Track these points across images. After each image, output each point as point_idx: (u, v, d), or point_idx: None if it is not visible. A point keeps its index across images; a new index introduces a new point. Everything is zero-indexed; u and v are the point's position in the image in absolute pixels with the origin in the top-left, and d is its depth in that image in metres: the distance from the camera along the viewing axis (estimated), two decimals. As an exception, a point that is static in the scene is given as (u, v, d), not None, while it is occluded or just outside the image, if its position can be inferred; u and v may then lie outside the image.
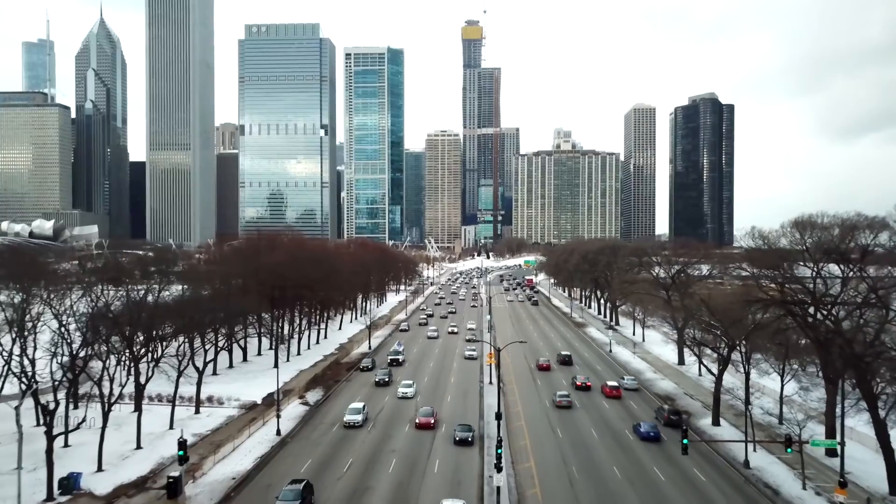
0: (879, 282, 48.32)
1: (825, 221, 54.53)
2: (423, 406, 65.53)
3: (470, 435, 56.29)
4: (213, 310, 68.58)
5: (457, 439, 56.07)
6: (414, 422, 62.02)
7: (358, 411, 63.80)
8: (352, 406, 65.23)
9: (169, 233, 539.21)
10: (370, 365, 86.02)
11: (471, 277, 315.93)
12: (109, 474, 49.39)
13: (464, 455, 54.26)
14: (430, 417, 61.75)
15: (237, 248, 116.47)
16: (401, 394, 72.64)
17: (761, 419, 61.81)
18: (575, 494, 46.12)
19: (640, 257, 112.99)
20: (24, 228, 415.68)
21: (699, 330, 67.71)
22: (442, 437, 58.97)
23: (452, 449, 55.89)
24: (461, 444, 55.62)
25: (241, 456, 53.75)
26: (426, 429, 60.44)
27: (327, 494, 45.74)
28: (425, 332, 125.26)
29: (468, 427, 57.61)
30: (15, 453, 52.02)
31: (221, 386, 76.00)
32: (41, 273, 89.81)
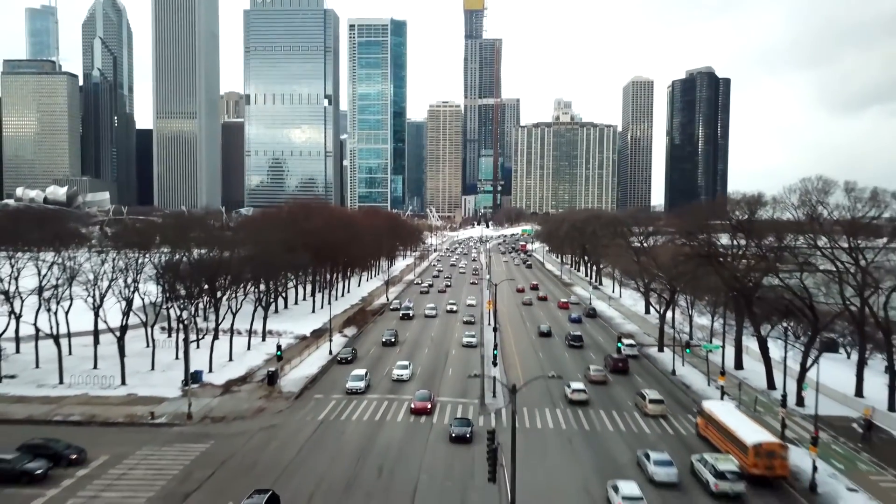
0: (766, 245, 67.28)
1: (737, 198, 73.03)
2: (420, 389, 61.54)
3: (468, 430, 49.19)
4: (272, 264, 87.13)
5: (453, 436, 49.04)
6: (410, 406, 57.86)
7: (360, 377, 64.72)
8: (354, 373, 66.08)
9: (176, 199, 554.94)
10: (349, 357, 76.52)
11: (470, 248, 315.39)
12: (217, 374, 68.88)
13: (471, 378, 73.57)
14: (426, 402, 57.31)
15: (278, 214, 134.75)
16: (395, 376, 67.88)
17: (700, 352, 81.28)
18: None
19: (616, 226, 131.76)
20: (38, 194, 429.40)
21: (649, 279, 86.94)
22: (437, 420, 54.80)
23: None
24: (458, 441, 48.64)
25: (306, 367, 73.35)
26: (422, 414, 56.21)
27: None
28: (422, 308, 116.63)
29: (466, 421, 50.80)
30: (147, 362, 71.97)
31: (276, 324, 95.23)
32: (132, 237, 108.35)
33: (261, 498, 35.99)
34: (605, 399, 63.09)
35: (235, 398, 61.48)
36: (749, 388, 65.47)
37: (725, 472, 40.99)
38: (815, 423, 45.93)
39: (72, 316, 77.27)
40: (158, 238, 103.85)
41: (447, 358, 79.55)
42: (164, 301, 77.83)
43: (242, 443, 49.71)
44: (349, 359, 76.24)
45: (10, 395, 60.83)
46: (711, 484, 41.10)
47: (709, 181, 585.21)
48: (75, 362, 71.35)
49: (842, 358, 79.24)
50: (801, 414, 59.06)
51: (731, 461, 42.63)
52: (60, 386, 64.08)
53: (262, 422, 54.78)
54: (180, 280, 74.91)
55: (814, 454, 43.11)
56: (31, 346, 74.97)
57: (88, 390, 62.57)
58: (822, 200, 62.91)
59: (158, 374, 68.50)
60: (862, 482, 43.98)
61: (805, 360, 59.54)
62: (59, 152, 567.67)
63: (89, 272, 71.33)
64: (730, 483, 40.62)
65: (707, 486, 41.61)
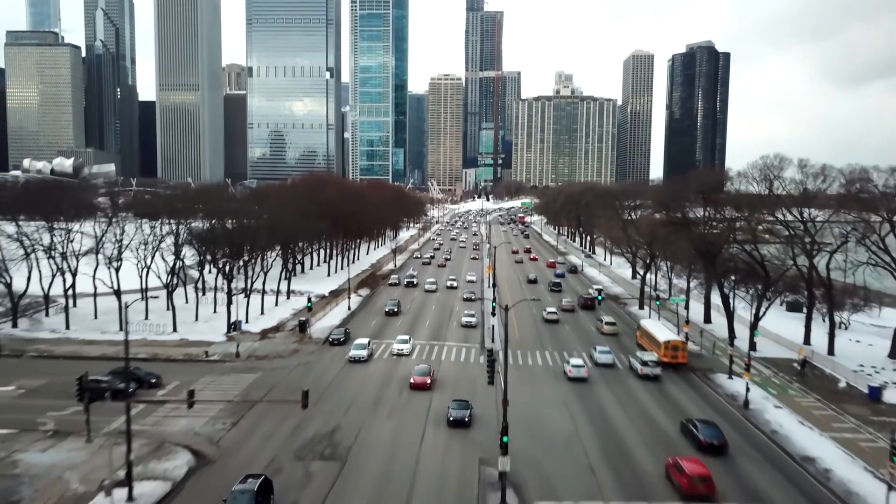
0: (729, 215, 77.46)
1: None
2: (420, 364, 60.28)
3: (467, 413, 47.14)
4: (295, 232, 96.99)
5: (451, 419, 46.68)
6: (409, 381, 56.69)
7: (363, 346, 65.50)
8: (357, 342, 67.02)
9: (179, 171, 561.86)
10: (341, 337, 72.27)
11: (470, 222, 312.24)
12: (253, 325, 79.42)
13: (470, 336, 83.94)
14: (425, 377, 56.19)
15: (295, 186, 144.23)
16: (396, 350, 67.19)
17: (670, 305, 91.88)
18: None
19: (608, 199, 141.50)
20: (45, 166, 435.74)
21: (634, 246, 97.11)
22: (438, 394, 53.53)
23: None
24: (456, 425, 46.56)
25: (329, 319, 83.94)
26: (421, 389, 55.30)
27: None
28: (425, 278, 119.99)
29: (465, 403, 48.63)
30: (189, 315, 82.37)
31: (296, 286, 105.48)
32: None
33: (253, 483, 34.14)
34: (572, 322, 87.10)
35: (272, 342, 72.10)
36: (711, 336, 76.12)
37: (648, 361, 60.99)
38: (748, 357, 56.97)
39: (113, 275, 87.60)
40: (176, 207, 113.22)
41: (447, 333, 78.83)
42: (201, 263, 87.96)
43: (285, 374, 60.34)
44: (341, 340, 71.10)
45: (81, 338, 71.45)
46: (638, 369, 61.18)
47: (707, 155, 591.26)
48: (130, 314, 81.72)
49: (803, 316, 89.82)
50: (753, 356, 69.62)
51: (653, 355, 62.84)
52: (121, 332, 74.50)
53: (298, 359, 65.41)
54: (217, 245, 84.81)
55: (747, 379, 53.82)
56: (84, 301, 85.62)
57: (146, 336, 73.11)
58: (778, 175, 72.49)
59: (202, 324, 79.02)
60: (788, 402, 54.68)
61: (757, 312, 69.92)
62: (63, 124, 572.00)
63: (138, 239, 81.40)
64: (650, 368, 60.46)
65: (636, 372, 61.71)
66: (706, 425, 44.94)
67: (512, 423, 39.24)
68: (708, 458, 41.58)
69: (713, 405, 54.60)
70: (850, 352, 71.64)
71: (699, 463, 38.35)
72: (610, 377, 61.54)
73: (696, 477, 36.52)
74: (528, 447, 43.49)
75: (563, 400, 54.56)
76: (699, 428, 44.56)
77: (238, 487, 34.02)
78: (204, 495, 36.96)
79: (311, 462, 41.47)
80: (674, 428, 48.09)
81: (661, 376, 60.73)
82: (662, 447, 44.27)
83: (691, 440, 44.81)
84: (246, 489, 33.64)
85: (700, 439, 43.64)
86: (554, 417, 50.23)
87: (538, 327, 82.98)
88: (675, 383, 60.31)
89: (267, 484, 34.95)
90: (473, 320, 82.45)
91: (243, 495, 33.22)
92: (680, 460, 38.64)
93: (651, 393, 57.23)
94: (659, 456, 42.46)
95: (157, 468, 39.88)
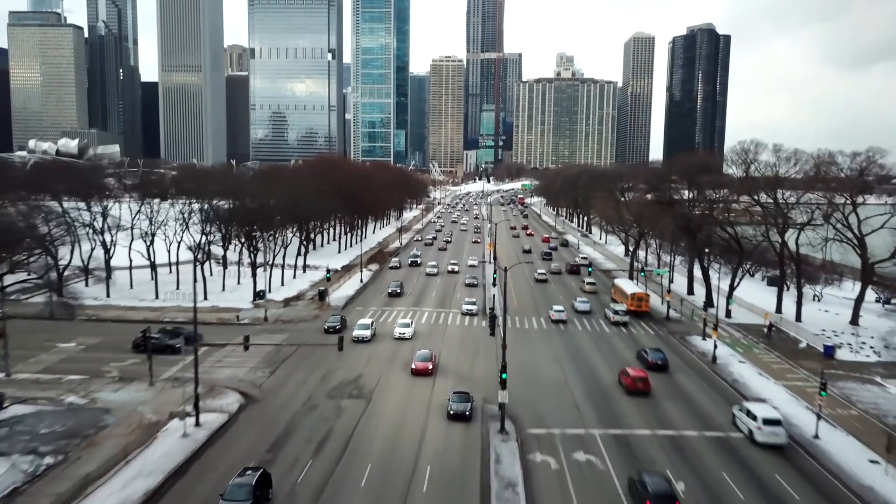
0: (709, 196, 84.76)
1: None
2: (421, 349, 59.31)
3: (468, 407, 45.59)
4: (311, 210, 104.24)
5: (451, 413, 45.28)
6: (410, 366, 55.87)
7: (366, 327, 65.88)
8: (360, 322, 67.22)
9: (182, 152, 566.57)
10: (337, 325, 68.99)
11: (471, 205, 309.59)
12: (275, 294, 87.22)
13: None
14: (427, 362, 55.28)
15: (308, 167, 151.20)
16: (398, 334, 66.48)
17: (655, 277, 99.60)
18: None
19: (603, 180, 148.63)
20: (50, 147, 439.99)
21: (626, 225, 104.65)
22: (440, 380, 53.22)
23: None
24: (456, 419, 45.12)
25: (344, 290, 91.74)
26: (423, 375, 54.66)
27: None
28: (428, 258, 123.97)
29: (466, 396, 46.99)
30: (216, 286, 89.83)
31: (311, 261, 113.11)
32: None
33: (252, 475, 33.50)
34: (559, 282, 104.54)
35: (295, 309, 79.89)
36: (690, 305, 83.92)
37: (618, 311, 76.64)
38: (716, 320, 65.01)
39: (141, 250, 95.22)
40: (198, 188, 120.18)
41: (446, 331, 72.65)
42: (224, 239, 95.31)
43: (310, 335, 68.14)
44: (337, 327, 67.72)
45: (122, 305, 79.26)
46: (611, 317, 76.71)
47: (706, 137, 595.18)
48: (161, 284, 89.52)
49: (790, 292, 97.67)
50: (728, 322, 77.54)
51: (622, 305, 78.74)
52: (157, 300, 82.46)
53: (320, 323, 73.15)
54: (241, 223, 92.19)
55: (715, 337, 61.74)
56: (119, 273, 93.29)
57: (179, 303, 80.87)
58: (754, 159, 79.65)
59: (229, 294, 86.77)
60: (751, 359, 62.60)
61: (732, 282, 77.58)
62: (66, 105, 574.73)
63: (169, 216, 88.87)
64: (619, 316, 75.98)
65: (609, 319, 77.09)
66: (654, 350, 60.65)
67: (510, 374, 47.05)
68: (654, 373, 56.61)
69: (684, 359, 62.63)
70: (817, 319, 79.30)
71: (640, 370, 53.81)
72: (587, 321, 77.89)
73: (636, 377, 52.08)
74: (525, 392, 51.42)
75: (554, 356, 62.46)
76: (649, 353, 60.33)
77: (237, 481, 33.17)
78: (255, 424, 44.93)
79: (342, 400, 49.45)
80: (632, 356, 63.17)
81: (629, 322, 76.40)
82: (620, 367, 57.18)
83: (642, 362, 59.75)
84: (244, 483, 32.84)
85: (648, 360, 59.13)
86: (547, 369, 58.16)
87: (530, 285, 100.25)
88: (638, 327, 75.41)
89: (265, 477, 34.01)
90: (475, 308, 79.65)
91: (241, 489, 32.42)
92: (627, 368, 54.31)
93: (619, 335, 72.04)
94: (617, 372, 56.52)
95: (213, 404, 47.79)
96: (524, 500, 34.73)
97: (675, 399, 51.60)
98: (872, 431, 44.53)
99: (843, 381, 56.40)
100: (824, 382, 43.71)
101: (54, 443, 40.14)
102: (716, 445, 42.75)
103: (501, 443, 41.86)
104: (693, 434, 44.62)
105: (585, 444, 42.40)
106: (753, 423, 43.05)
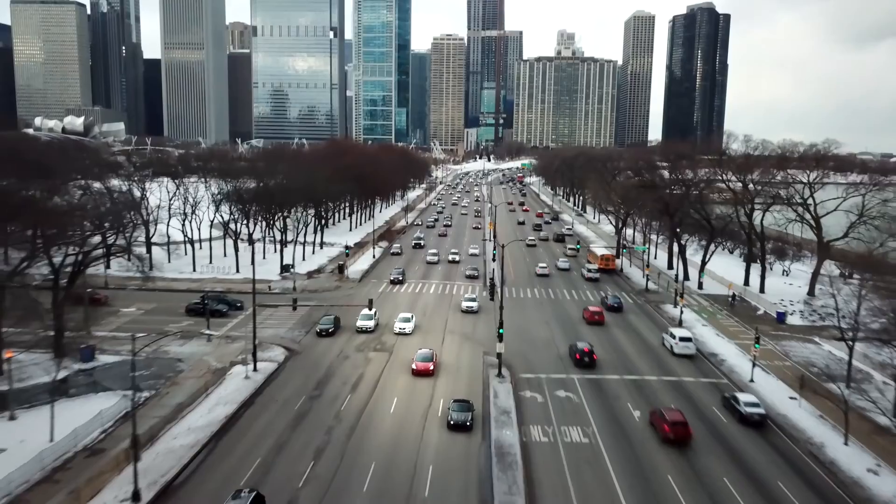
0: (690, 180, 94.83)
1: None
2: (422, 348, 58.00)
3: (469, 416, 43.99)
4: (327, 191, 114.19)
5: (451, 422, 43.67)
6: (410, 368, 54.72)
7: (369, 317, 66.91)
8: (363, 312, 67.45)
9: (185, 130, 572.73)
10: (330, 327, 65.69)
11: (471, 186, 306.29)
12: (298, 268, 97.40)
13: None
14: (428, 363, 54.18)
15: (322, 150, 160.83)
16: (398, 329, 65.83)
17: (637, 253, 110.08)
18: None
19: (597, 163, 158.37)
20: (56, 124, 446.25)
21: (616, 205, 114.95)
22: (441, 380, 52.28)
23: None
24: (457, 429, 43.59)
25: (358, 265, 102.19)
26: (424, 375, 53.57)
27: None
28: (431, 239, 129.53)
29: (466, 405, 45.21)
30: (244, 260, 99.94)
31: (326, 238, 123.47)
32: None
33: (246, 498, 33.08)
34: (547, 248, 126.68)
35: (318, 281, 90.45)
36: (667, 277, 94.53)
37: (591, 269, 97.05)
38: (682, 289, 75.75)
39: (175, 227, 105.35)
40: (222, 168, 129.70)
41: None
42: (248, 215, 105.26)
43: (335, 301, 78.69)
44: (330, 330, 64.82)
45: (167, 277, 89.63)
46: (585, 274, 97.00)
47: (705, 117, 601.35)
48: (197, 259, 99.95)
49: (756, 265, 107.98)
50: (699, 293, 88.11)
51: (595, 265, 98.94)
52: (194, 273, 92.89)
53: (342, 292, 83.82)
54: (264, 202, 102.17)
55: (682, 303, 72.40)
56: (155, 249, 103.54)
57: (215, 275, 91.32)
58: (727, 147, 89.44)
59: (258, 267, 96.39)
60: (713, 322, 73.36)
61: (704, 257, 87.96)
62: (70, 82, 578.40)
63: (201, 196, 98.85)
64: (592, 273, 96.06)
65: (584, 276, 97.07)
66: (613, 296, 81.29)
67: (506, 334, 57.67)
68: (612, 313, 76.72)
69: (654, 321, 73.40)
70: (779, 290, 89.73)
71: (597, 307, 74.91)
72: (566, 276, 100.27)
73: (593, 311, 72.99)
74: (519, 347, 62.15)
75: (544, 320, 73.18)
76: (609, 297, 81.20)
77: (231, 503, 33.06)
78: (300, 370, 55.70)
79: (368, 353, 60.24)
80: (598, 300, 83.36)
81: (599, 279, 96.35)
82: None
83: (604, 305, 79.51)
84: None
85: (608, 303, 79.26)
86: (537, 330, 68.91)
87: (523, 251, 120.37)
88: (606, 283, 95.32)
89: (259, 499, 33.58)
90: (475, 305, 75.27)
91: None
92: (589, 307, 75.04)
93: (590, 287, 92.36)
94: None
95: (263, 356, 58.37)
96: (515, 421, 45.49)
97: (623, 328, 71.22)
98: (798, 377, 55.25)
99: (788, 341, 67.11)
100: (757, 337, 54.37)
101: (145, 382, 50.82)
102: (646, 356, 61.97)
103: (499, 383, 52.60)
104: (631, 349, 63.67)
105: (566, 385, 53.21)
106: (673, 340, 62.33)
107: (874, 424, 45.85)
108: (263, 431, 43.70)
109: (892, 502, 35.91)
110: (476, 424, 44.66)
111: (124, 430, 44.05)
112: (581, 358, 57.19)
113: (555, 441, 43.10)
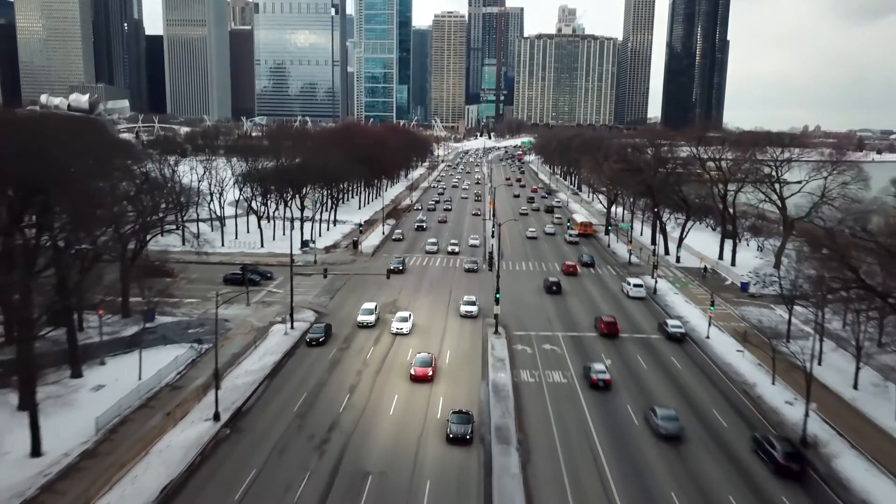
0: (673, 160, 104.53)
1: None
2: (421, 351, 56.59)
3: (468, 429, 42.42)
4: (340, 172, 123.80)
5: (450, 436, 42.14)
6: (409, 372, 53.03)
7: (370, 311, 67.09)
8: (364, 307, 68.27)
9: (187, 107, 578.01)
10: (321, 337, 61.62)
11: (472, 166, 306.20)
12: (316, 243, 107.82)
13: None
14: (427, 368, 52.51)
15: (335, 132, 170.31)
16: (395, 329, 63.96)
17: (616, 223, 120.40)
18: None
19: (589, 144, 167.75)
20: (62, 102, 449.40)
21: (607, 185, 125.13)
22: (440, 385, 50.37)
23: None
24: (456, 442, 42.03)
25: (370, 241, 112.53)
26: (423, 381, 51.90)
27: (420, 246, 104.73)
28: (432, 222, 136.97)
29: (467, 417, 43.61)
30: (266, 235, 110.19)
31: (338, 216, 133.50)
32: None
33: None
34: (538, 217, 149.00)
35: (334, 255, 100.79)
36: (649, 251, 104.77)
37: (571, 234, 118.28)
38: (657, 261, 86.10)
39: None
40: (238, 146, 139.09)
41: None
42: (265, 195, 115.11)
43: (353, 272, 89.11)
44: (321, 339, 61.07)
45: (201, 251, 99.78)
46: (567, 237, 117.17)
47: (704, 94, 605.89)
48: (224, 234, 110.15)
49: (731, 241, 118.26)
50: (676, 266, 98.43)
51: (575, 231, 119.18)
52: (223, 248, 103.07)
53: (358, 265, 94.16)
54: (283, 182, 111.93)
55: (656, 274, 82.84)
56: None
57: (243, 249, 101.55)
58: (704, 134, 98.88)
59: (279, 242, 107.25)
60: (685, 292, 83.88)
61: (681, 233, 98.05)
62: (73, 59, 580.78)
63: (227, 176, 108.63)
64: (573, 237, 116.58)
65: (566, 239, 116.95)
66: (587, 255, 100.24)
67: (502, 301, 68.10)
68: (585, 268, 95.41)
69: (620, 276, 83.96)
70: (750, 264, 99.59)
71: (573, 262, 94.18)
72: (551, 239, 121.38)
73: (569, 265, 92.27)
74: (514, 310, 72.63)
75: (537, 287, 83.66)
76: (584, 257, 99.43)
77: None
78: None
79: (385, 314, 70.85)
80: (576, 258, 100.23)
81: (579, 242, 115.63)
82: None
83: (580, 262, 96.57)
84: None
85: (583, 260, 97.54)
86: (530, 297, 79.44)
87: (517, 220, 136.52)
88: (584, 245, 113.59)
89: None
90: (474, 309, 70.74)
91: None
92: (567, 262, 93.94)
93: (571, 248, 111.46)
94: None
95: (297, 317, 68.87)
96: (508, 367, 56.16)
97: (592, 279, 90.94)
98: (748, 335, 65.88)
99: (747, 307, 77.60)
100: (713, 300, 64.95)
101: (204, 338, 61.35)
102: (607, 298, 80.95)
103: (496, 339, 63.22)
104: (596, 293, 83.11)
105: (551, 340, 63.87)
106: (629, 286, 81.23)
107: (802, 371, 56.44)
108: (306, 373, 54.44)
109: (797, 424, 46.56)
110: (475, 369, 55.43)
111: (194, 371, 55.08)
112: (550, 287, 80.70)
113: (539, 381, 53.85)
